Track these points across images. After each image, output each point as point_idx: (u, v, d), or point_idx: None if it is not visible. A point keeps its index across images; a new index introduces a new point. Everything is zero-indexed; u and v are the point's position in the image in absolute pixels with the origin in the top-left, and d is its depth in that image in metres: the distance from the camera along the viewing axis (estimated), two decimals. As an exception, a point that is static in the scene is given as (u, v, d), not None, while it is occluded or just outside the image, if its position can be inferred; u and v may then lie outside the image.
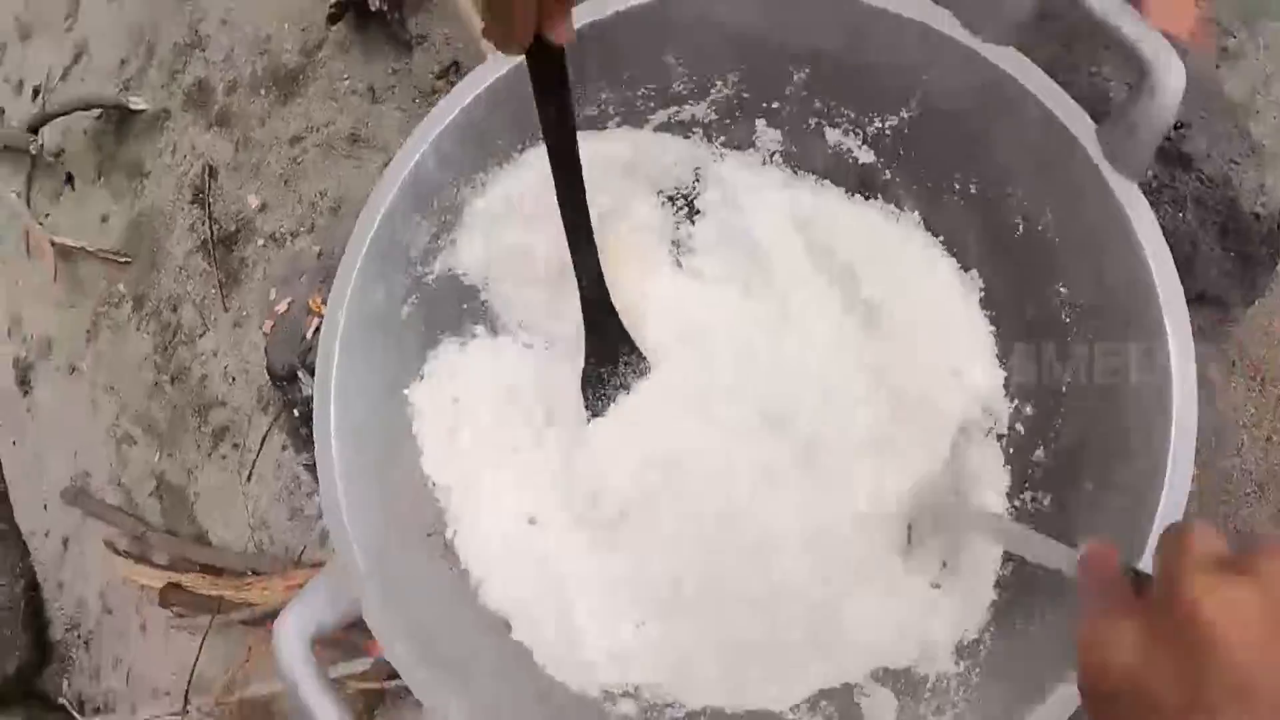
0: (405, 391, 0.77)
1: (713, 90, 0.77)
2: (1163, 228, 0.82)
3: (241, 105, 1.62)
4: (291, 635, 0.61)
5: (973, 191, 0.73)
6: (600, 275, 0.71)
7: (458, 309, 0.81)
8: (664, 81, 0.76)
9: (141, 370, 1.62)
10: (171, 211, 1.64)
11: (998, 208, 0.72)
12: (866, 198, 0.80)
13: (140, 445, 1.61)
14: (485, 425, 0.79)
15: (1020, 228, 0.70)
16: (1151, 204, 0.83)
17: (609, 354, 0.76)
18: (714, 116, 0.79)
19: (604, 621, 0.73)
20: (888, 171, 0.78)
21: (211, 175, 1.61)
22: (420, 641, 0.65)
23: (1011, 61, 0.64)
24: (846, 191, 0.80)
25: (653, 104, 0.78)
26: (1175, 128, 0.83)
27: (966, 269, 0.76)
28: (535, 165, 0.75)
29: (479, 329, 0.82)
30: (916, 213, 0.78)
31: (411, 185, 0.72)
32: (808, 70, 0.74)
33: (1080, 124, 0.63)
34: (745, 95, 0.77)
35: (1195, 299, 0.87)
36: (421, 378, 0.78)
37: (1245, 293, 0.90)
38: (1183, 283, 0.82)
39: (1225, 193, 0.83)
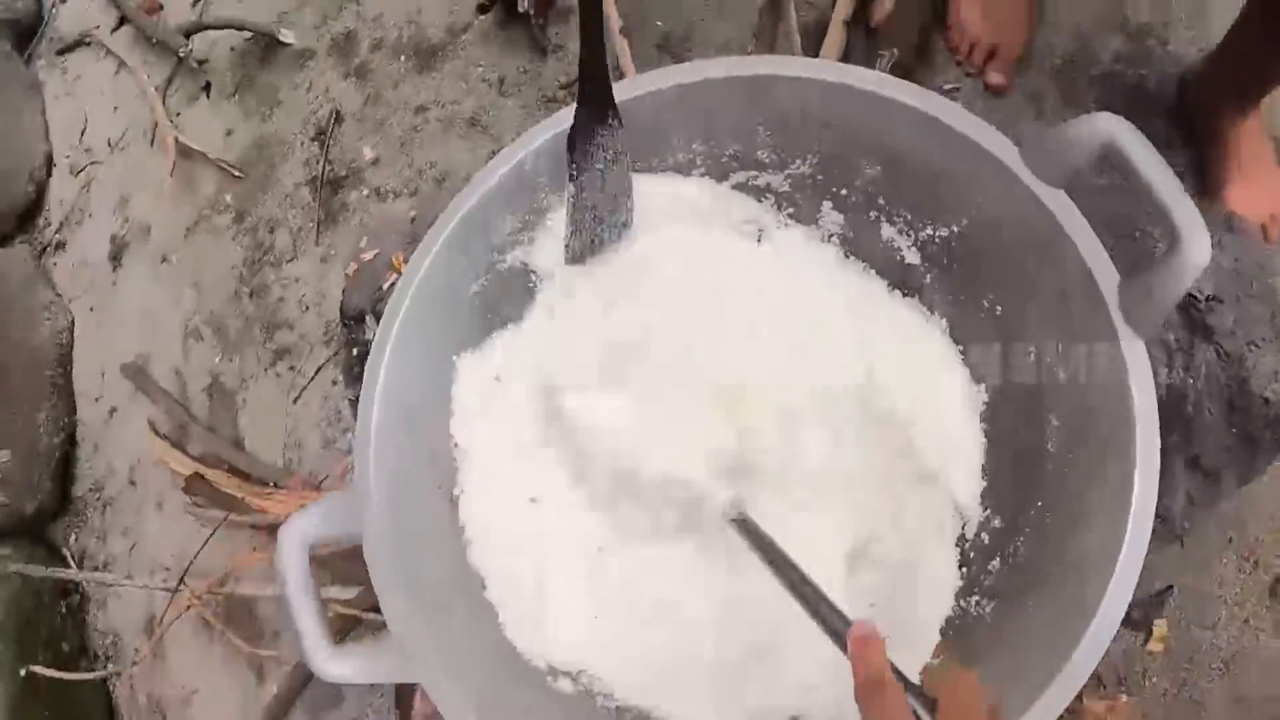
0: (454, 358, 0.83)
1: (791, 166, 0.83)
2: (1171, 388, 0.87)
3: (380, 64, 1.70)
4: (295, 538, 0.67)
5: (998, 313, 0.78)
6: (602, 19, 0.70)
7: (520, 299, 0.86)
8: (750, 148, 0.82)
9: (226, 277, 1.71)
10: (292, 143, 1.73)
11: (1016, 332, 0.76)
12: (904, 294, 0.85)
13: (205, 344, 1.70)
14: (516, 407, 0.84)
15: (1031, 355, 0.74)
16: (1166, 364, 0.87)
17: (598, 107, 0.74)
18: (787, 188, 0.85)
19: (567, 605, 0.79)
20: (928, 276, 0.83)
21: (337, 120, 1.69)
22: (404, 575, 0.70)
23: (1059, 204, 0.68)
24: (889, 285, 0.85)
25: (735, 164, 0.84)
26: (1206, 299, 0.87)
27: (977, 381, 0.81)
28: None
29: (537, 322, 0.87)
30: (945, 320, 0.83)
31: (511, 179, 0.78)
32: (879, 168, 0.79)
33: (1106, 274, 0.65)
34: (819, 177, 0.83)
35: (1189, 463, 0.90)
36: (472, 350, 0.84)
37: (1242, 470, 0.91)
38: (1177, 444, 0.86)
39: (1239, 371, 0.87)
